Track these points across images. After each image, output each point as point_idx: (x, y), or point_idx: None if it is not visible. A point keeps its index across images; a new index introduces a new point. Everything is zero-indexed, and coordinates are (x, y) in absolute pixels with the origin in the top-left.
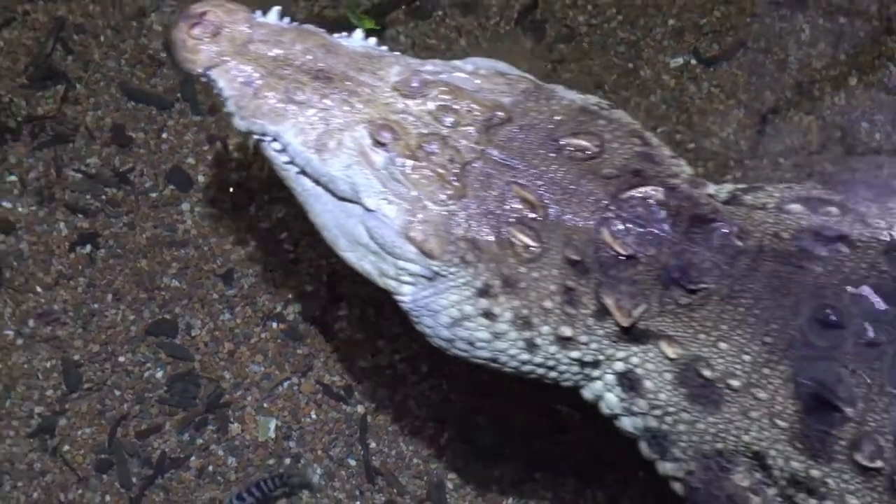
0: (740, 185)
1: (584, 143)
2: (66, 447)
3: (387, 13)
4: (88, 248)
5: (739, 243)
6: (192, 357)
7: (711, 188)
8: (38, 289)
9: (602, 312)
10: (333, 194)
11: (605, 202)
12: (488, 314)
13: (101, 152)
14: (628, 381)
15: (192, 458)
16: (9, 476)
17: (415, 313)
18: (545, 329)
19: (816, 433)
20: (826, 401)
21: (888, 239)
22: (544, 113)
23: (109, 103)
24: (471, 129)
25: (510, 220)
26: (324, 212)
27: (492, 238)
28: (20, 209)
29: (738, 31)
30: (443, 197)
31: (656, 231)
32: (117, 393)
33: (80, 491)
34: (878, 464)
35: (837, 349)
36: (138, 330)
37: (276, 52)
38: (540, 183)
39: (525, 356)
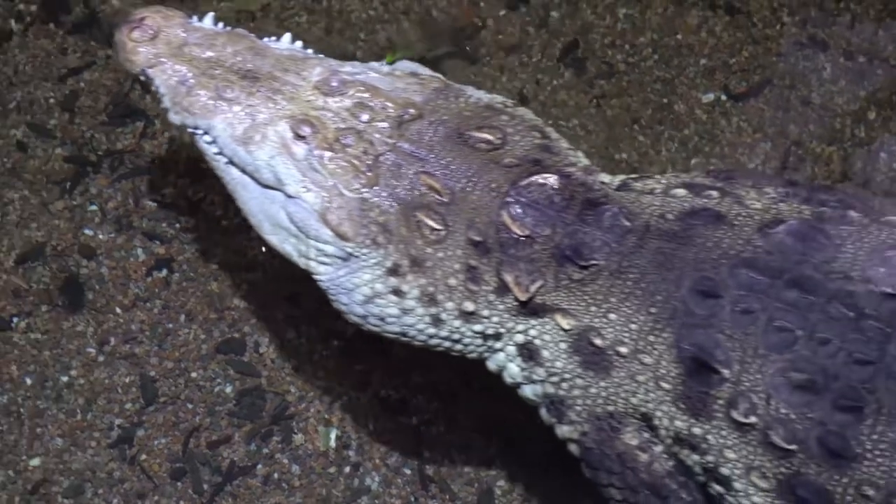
0: (632, 175)
1: (487, 135)
2: (144, 456)
3: (438, 54)
4: (164, 272)
5: (627, 224)
6: (259, 373)
7: (606, 177)
8: (118, 310)
9: (502, 289)
10: (258, 182)
11: (506, 188)
12: (397, 292)
13: (176, 183)
14: (528, 352)
15: (259, 466)
16: (90, 484)
17: (331, 291)
18: (450, 305)
19: (697, 394)
20: (705, 364)
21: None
22: (452, 109)
23: (183, 138)
24: (384, 124)
25: (418, 205)
26: (250, 199)
27: (401, 222)
28: (101, 236)
29: (765, 70)
30: (357, 185)
31: (551, 214)
32: (190, 406)
33: (155, 497)
34: (752, 419)
35: (716, 317)
36: (209, 348)
37: (208, 53)
38: (446, 172)
39: (432, 330)
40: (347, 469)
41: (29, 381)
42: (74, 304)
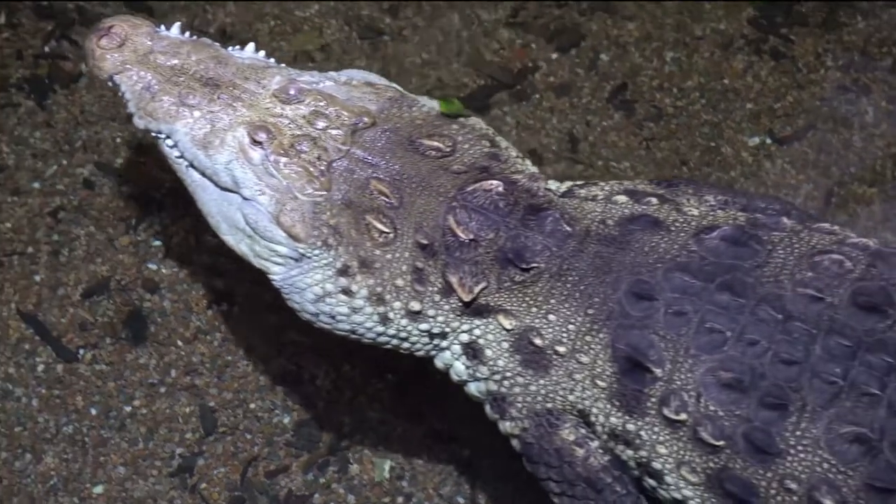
0: (578, 182)
1: (437, 143)
2: (204, 485)
3: (491, 95)
4: (224, 305)
5: (568, 229)
6: (315, 404)
7: (553, 184)
8: (179, 342)
9: (447, 289)
10: (217, 185)
11: (453, 194)
12: (347, 291)
13: None
14: (472, 351)
15: (316, 495)
16: None
17: (285, 290)
18: (397, 304)
19: (631, 392)
20: (639, 363)
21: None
22: (405, 118)
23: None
24: (339, 131)
25: (368, 209)
26: (209, 200)
27: (352, 225)
28: (164, 270)
29: (809, 114)
30: (310, 189)
31: (495, 218)
32: (249, 436)
33: None
34: (683, 416)
35: (650, 318)
36: (267, 379)
37: (173, 61)
38: (397, 178)
39: (380, 328)
40: (401, 499)
41: (93, 412)
42: (138, 337)
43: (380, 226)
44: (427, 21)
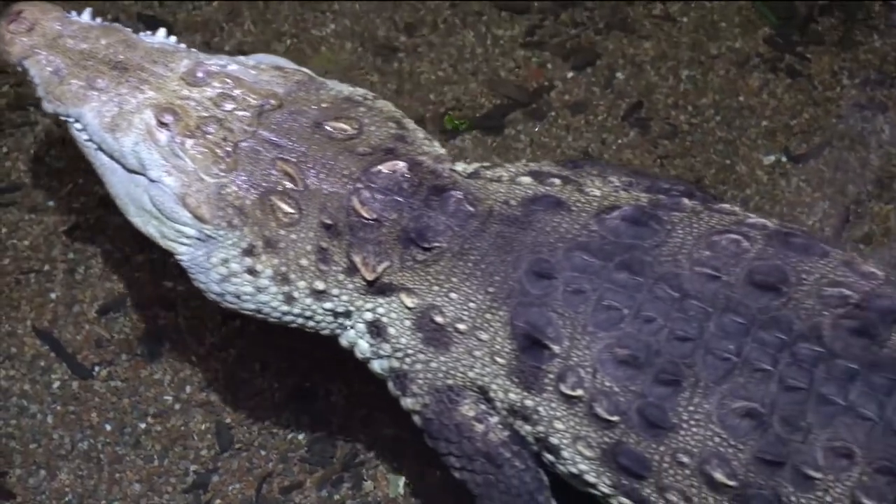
0: (485, 164)
1: (343, 125)
2: (218, 501)
3: (506, 114)
4: (238, 322)
5: (471, 209)
6: (330, 420)
7: (460, 166)
8: (194, 359)
9: (351, 269)
10: (124, 167)
11: (357, 175)
12: (252, 271)
13: None
14: (376, 329)
15: None
16: None
17: (191, 271)
18: (302, 284)
19: (529, 368)
20: (537, 340)
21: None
22: (312, 101)
23: None
24: (245, 113)
25: (273, 190)
26: (117, 183)
27: (256, 206)
28: (179, 288)
29: (825, 132)
30: (216, 170)
31: (399, 199)
32: (263, 453)
33: None
34: (579, 392)
35: (549, 296)
36: (282, 396)
37: (82, 46)
38: (302, 159)
39: (285, 308)
40: None
41: (109, 428)
42: (153, 354)
43: (284, 206)
44: (442, 39)
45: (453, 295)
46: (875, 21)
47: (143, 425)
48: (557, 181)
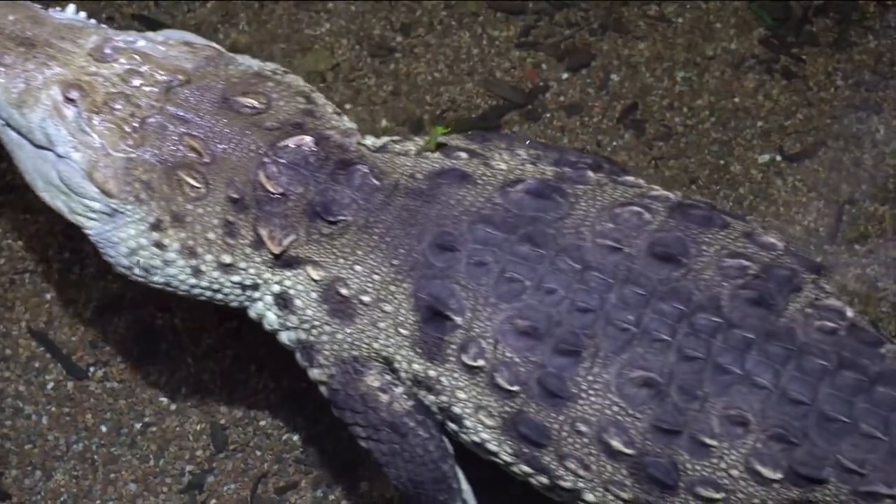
0: (395, 137)
1: (251, 100)
2: (213, 502)
3: (502, 115)
4: (235, 323)
5: (377, 182)
6: (325, 421)
7: (369, 140)
8: (190, 360)
9: (258, 242)
10: (32, 143)
11: (264, 149)
12: (159, 245)
13: None
14: (283, 301)
15: None
16: None
17: (100, 245)
18: (209, 257)
19: (432, 339)
20: (440, 312)
21: (504, 178)
22: (221, 76)
23: None
24: (153, 89)
25: (181, 164)
26: (25, 158)
27: (163, 180)
28: None
29: (819, 132)
30: (123, 145)
31: (305, 173)
32: (259, 453)
33: None
34: (481, 363)
35: (452, 269)
36: (277, 397)
37: None
38: (209, 134)
39: (193, 281)
40: None
41: (104, 429)
42: (149, 354)
43: (191, 181)
44: (438, 40)
45: (358, 267)
46: (870, 22)
47: (138, 426)
48: (464, 155)
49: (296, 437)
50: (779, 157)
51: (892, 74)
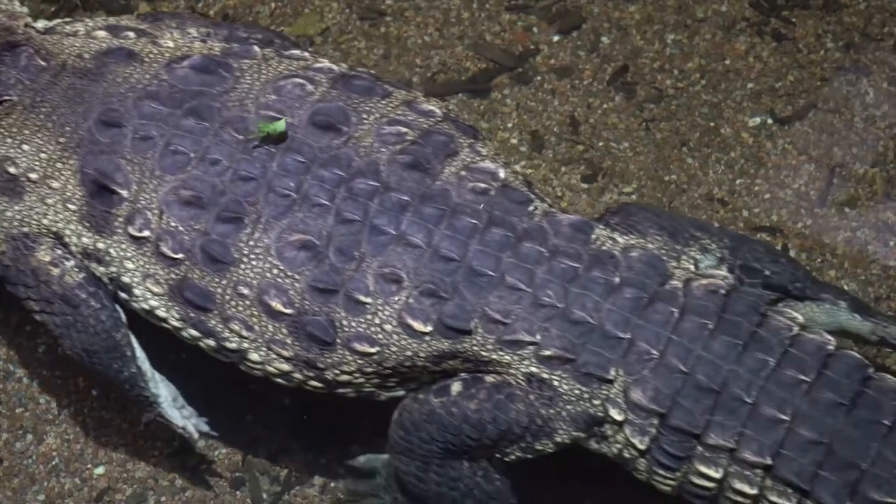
0: (67, 20)
1: None
2: (204, 466)
3: (492, 78)
4: None
5: (43, 63)
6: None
7: (40, 23)
8: None
9: None
10: None
11: None
12: None
13: None
14: None
15: (316, 476)
16: (153, 491)
17: None
18: None
19: (100, 213)
20: (105, 186)
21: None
22: None
23: None
24: None
25: None
26: None
27: None
28: None
29: (810, 94)
30: None
31: None
32: (250, 418)
33: None
34: (146, 233)
35: (118, 144)
36: None
37: None
38: None
39: None
40: None
41: (95, 393)
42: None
43: None
44: (429, 3)
45: (25, 146)
46: None
47: None
48: (132, 34)
49: (287, 401)
50: (770, 120)
51: (881, 36)
